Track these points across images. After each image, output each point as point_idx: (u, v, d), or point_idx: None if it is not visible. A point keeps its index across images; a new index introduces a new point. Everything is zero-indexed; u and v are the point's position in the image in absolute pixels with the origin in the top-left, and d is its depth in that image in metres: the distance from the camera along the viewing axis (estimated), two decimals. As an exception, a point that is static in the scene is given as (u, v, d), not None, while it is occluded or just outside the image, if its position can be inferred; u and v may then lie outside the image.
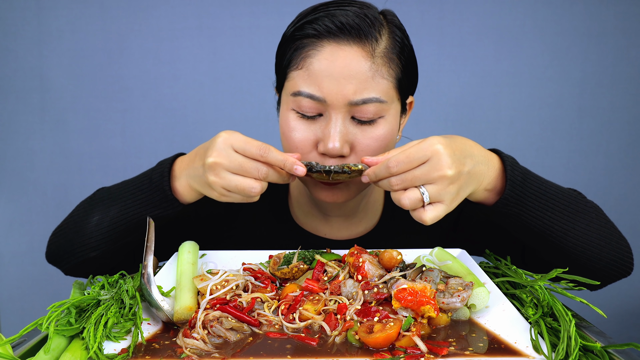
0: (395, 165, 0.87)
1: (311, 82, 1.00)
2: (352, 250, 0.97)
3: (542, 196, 0.96)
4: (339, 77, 0.98)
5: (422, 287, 0.82)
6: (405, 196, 0.87)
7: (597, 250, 1.00)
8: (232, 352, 0.75)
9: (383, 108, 1.02)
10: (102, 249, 1.05)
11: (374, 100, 1.00)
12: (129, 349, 0.75)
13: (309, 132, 1.03)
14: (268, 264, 1.03)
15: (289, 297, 0.89)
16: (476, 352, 0.74)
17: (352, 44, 0.99)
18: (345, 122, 1.01)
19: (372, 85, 0.99)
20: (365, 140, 1.02)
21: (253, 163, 0.91)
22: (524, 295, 0.89)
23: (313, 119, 1.03)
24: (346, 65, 0.98)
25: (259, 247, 1.11)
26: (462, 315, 0.86)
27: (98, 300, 0.87)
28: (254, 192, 0.92)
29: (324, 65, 0.99)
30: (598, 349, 0.72)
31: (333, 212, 1.24)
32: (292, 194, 1.30)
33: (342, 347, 0.76)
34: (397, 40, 1.04)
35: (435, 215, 0.87)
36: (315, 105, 1.01)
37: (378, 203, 1.29)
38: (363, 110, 1.00)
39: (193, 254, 1.03)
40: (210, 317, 0.81)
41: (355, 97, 0.99)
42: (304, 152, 1.05)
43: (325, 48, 0.99)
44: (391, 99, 1.03)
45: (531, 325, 0.79)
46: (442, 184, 0.86)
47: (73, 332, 0.78)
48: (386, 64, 1.01)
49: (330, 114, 1.01)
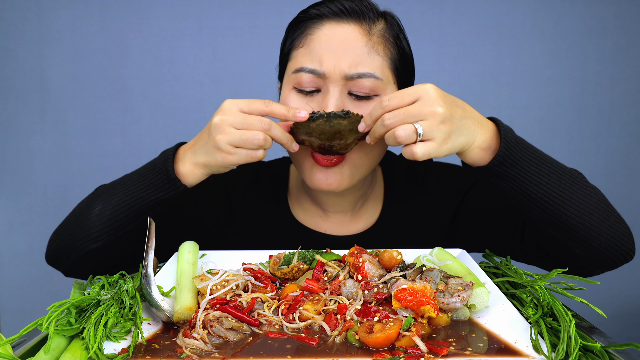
0: (388, 100, 0.92)
1: (312, 57, 1.05)
2: (352, 250, 0.97)
3: (537, 162, 0.98)
4: (336, 51, 1.04)
5: (422, 287, 0.82)
6: (400, 128, 0.90)
7: (597, 224, 1.00)
8: (232, 352, 0.75)
9: (379, 85, 1.06)
10: (104, 239, 1.05)
11: (369, 75, 1.04)
12: (129, 349, 0.75)
13: (307, 108, 1.07)
14: (268, 264, 1.03)
15: (289, 297, 0.89)
16: (476, 352, 0.74)
17: (350, 22, 1.06)
18: (342, 95, 1.05)
19: (367, 61, 1.04)
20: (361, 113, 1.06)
21: (256, 117, 0.97)
22: (524, 295, 0.89)
23: (311, 95, 1.08)
24: (343, 40, 1.04)
25: (259, 246, 1.12)
26: (462, 315, 0.86)
27: (98, 300, 0.87)
28: (257, 141, 0.95)
29: (323, 41, 1.05)
30: (598, 349, 0.72)
31: (332, 208, 1.25)
32: (291, 191, 1.30)
33: (342, 347, 0.76)
34: (394, 27, 1.11)
35: (426, 150, 0.90)
36: (314, 79, 1.06)
37: (377, 200, 1.29)
38: (359, 84, 1.04)
39: (193, 254, 1.03)
40: (210, 317, 0.81)
41: (351, 71, 1.03)
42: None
43: (325, 26, 1.06)
44: (387, 79, 1.07)
45: (531, 325, 0.79)
46: (433, 120, 0.89)
47: (73, 332, 0.78)
48: (382, 43, 1.07)
49: (328, 87, 1.05)
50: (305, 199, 1.27)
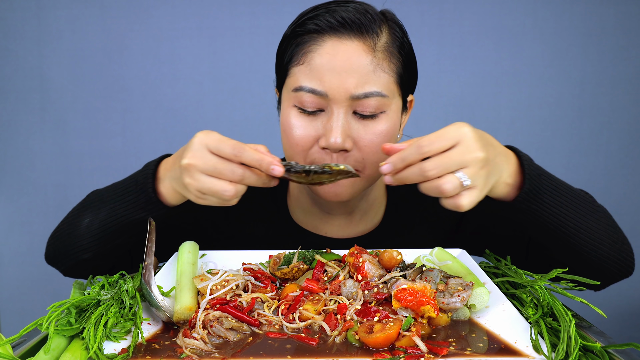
0: (427, 145, 0.82)
1: (313, 76, 1.00)
2: (352, 250, 0.97)
3: (556, 192, 0.95)
4: (340, 70, 0.98)
5: (422, 287, 0.82)
6: (444, 181, 0.81)
7: (606, 249, 0.99)
8: (232, 352, 0.75)
9: (385, 103, 1.01)
10: (94, 251, 1.05)
11: (376, 94, 0.99)
12: (129, 349, 0.75)
13: (310, 129, 1.03)
14: (268, 264, 1.03)
15: (289, 297, 0.89)
16: (476, 352, 0.74)
17: (353, 39, 0.99)
18: (347, 116, 1.01)
19: (373, 79, 0.99)
20: (368, 135, 1.02)
21: (228, 164, 0.87)
22: (524, 295, 0.89)
23: (314, 115, 1.03)
24: (347, 59, 0.98)
25: (260, 248, 1.11)
26: (462, 315, 0.86)
27: (98, 300, 0.87)
28: (227, 195, 0.87)
29: (325, 60, 0.99)
30: (598, 349, 0.72)
31: (334, 211, 1.24)
32: (292, 193, 1.30)
33: (342, 347, 0.76)
34: (397, 36, 1.05)
35: (471, 200, 0.83)
36: (316, 100, 1.01)
37: (378, 202, 1.28)
38: (365, 104, 1.00)
39: (193, 254, 1.03)
40: (210, 317, 0.81)
41: (357, 91, 0.99)
42: (304, 149, 1.04)
43: (327, 42, 1.00)
44: (392, 94, 1.03)
45: (531, 325, 0.79)
46: (475, 166, 0.82)
47: (73, 332, 0.78)
48: (387, 58, 1.01)
49: (332, 108, 1.00)
50: (307, 200, 1.26)
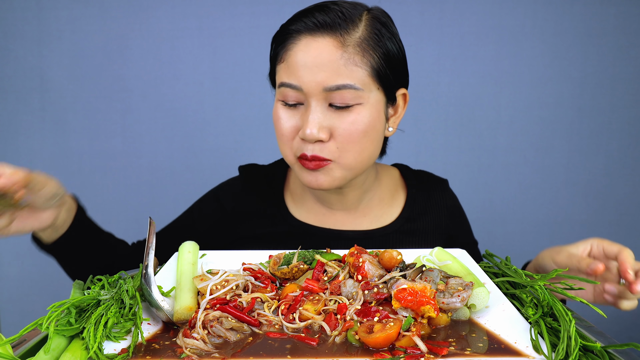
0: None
1: (290, 72, 1.07)
2: (352, 250, 0.97)
3: None
4: (312, 66, 1.04)
5: (422, 287, 0.82)
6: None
7: None
8: (232, 352, 0.75)
9: (359, 95, 1.06)
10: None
11: (348, 86, 1.04)
12: (129, 349, 0.75)
13: (292, 120, 1.09)
14: (268, 264, 1.03)
15: (289, 297, 0.89)
16: (476, 352, 0.74)
17: (325, 36, 1.05)
18: (322, 109, 1.06)
19: (345, 73, 1.04)
20: (343, 124, 1.06)
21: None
22: (524, 295, 0.89)
23: (295, 108, 1.09)
24: (318, 55, 1.04)
25: (263, 248, 1.12)
26: (462, 315, 0.86)
27: (98, 300, 0.87)
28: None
29: (299, 56, 1.05)
30: (598, 349, 0.72)
31: (335, 206, 1.27)
32: (292, 191, 1.31)
33: (342, 347, 0.76)
34: (375, 32, 1.08)
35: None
36: (295, 94, 1.07)
37: (386, 203, 1.30)
38: (338, 96, 1.05)
39: (193, 254, 1.03)
40: (210, 317, 0.81)
41: (329, 84, 1.04)
42: (289, 139, 1.11)
43: (302, 41, 1.06)
44: (368, 87, 1.07)
45: (531, 325, 0.79)
46: None
47: (73, 332, 0.78)
48: (359, 53, 1.05)
49: (309, 101, 1.06)
50: (309, 197, 1.29)
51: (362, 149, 1.09)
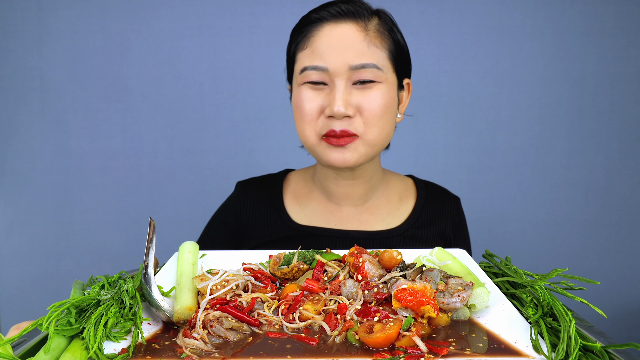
0: None
1: (315, 56, 1.14)
2: (352, 250, 0.97)
3: None
4: (337, 47, 1.12)
5: (422, 287, 0.82)
6: None
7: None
8: (232, 352, 0.75)
9: (380, 75, 1.14)
10: None
11: (371, 65, 1.13)
12: (129, 349, 0.75)
13: (317, 101, 1.16)
14: (268, 264, 1.03)
15: (289, 297, 0.89)
16: (476, 352, 0.74)
17: (348, 22, 1.14)
18: (347, 87, 1.14)
19: (368, 53, 1.13)
20: (367, 100, 1.14)
21: None
22: (524, 295, 0.89)
23: (319, 89, 1.16)
24: (343, 38, 1.13)
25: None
26: (462, 315, 0.86)
27: (98, 300, 0.87)
28: None
29: (324, 41, 1.14)
30: (598, 349, 0.72)
31: (343, 201, 1.30)
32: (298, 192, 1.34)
33: (342, 347, 0.76)
34: (387, 22, 1.19)
35: None
36: (320, 75, 1.14)
37: (393, 205, 1.33)
38: (362, 74, 1.13)
39: (193, 254, 1.03)
40: (210, 317, 0.81)
41: (355, 62, 1.12)
42: (313, 119, 1.16)
43: (325, 27, 1.15)
44: (386, 69, 1.16)
45: (531, 325, 0.79)
46: None
47: (73, 332, 0.78)
48: (378, 37, 1.15)
49: (334, 81, 1.13)
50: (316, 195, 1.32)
51: (383, 125, 1.17)
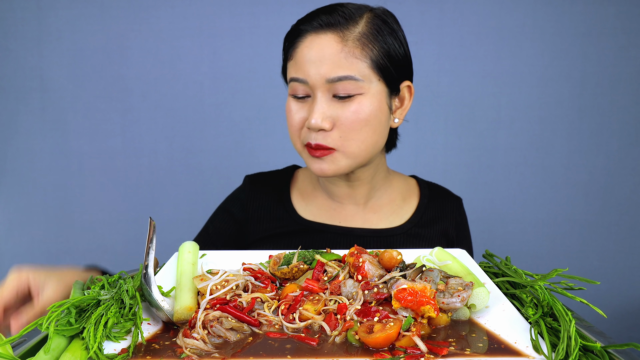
0: None
1: (297, 68, 1.15)
2: (352, 250, 0.97)
3: None
4: (315, 60, 1.12)
5: (422, 287, 0.82)
6: None
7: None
8: (232, 352, 0.75)
9: (360, 85, 1.12)
10: None
11: (349, 78, 1.11)
12: (129, 349, 0.75)
13: (301, 112, 1.18)
14: (268, 264, 1.03)
15: (289, 297, 0.89)
16: (476, 352, 0.74)
17: (328, 33, 1.13)
18: (326, 100, 1.14)
19: (345, 65, 1.11)
20: (345, 113, 1.13)
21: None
22: (524, 295, 0.89)
23: (304, 101, 1.17)
24: (320, 50, 1.12)
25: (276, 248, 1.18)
26: (462, 315, 0.86)
27: (98, 300, 0.87)
28: None
29: (304, 52, 1.14)
30: (598, 349, 0.72)
31: (345, 200, 1.32)
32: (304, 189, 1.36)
33: (342, 347, 0.76)
34: (375, 28, 1.15)
35: None
36: (303, 88, 1.15)
37: (397, 204, 1.34)
38: (340, 87, 1.12)
39: (193, 254, 1.03)
40: (210, 317, 0.81)
41: (331, 75, 1.11)
42: (297, 129, 1.19)
43: (307, 39, 1.15)
44: (368, 78, 1.13)
45: (531, 325, 0.79)
46: None
47: (73, 332, 0.78)
48: (359, 47, 1.12)
49: (315, 93, 1.14)
50: (320, 193, 1.34)
51: (364, 137, 1.15)
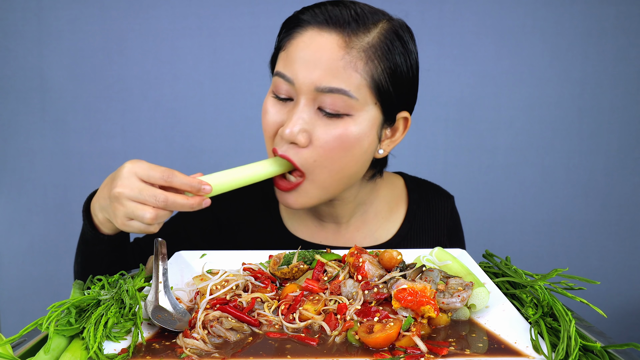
0: None
1: (287, 63, 1.00)
2: (352, 250, 0.97)
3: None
4: (309, 60, 0.96)
5: (422, 287, 0.82)
6: None
7: None
8: (232, 352, 0.75)
9: (352, 105, 0.97)
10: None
11: (342, 91, 0.96)
12: (129, 349, 0.75)
13: (278, 116, 1.02)
14: (268, 264, 1.03)
15: (289, 297, 0.89)
16: (476, 352, 0.74)
17: (332, 32, 0.97)
18: (309, 110, 0.99)
19: (341, 75, 0.96)
20: (325, 135, 0.98)
21: (151, 190, 0.88)
22: (524, 295, 0.89)
23: (284, 103, 1.02)
24: (318, 50, 0.96)
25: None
26: (462, 315, 0.86)
27: (98, 300, 0.87)
28: (146, 219, 0.89)
29: (300, 48, 0.98)
30: (598, 349, 0.72)
31: (326, 219, 1.22)
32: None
33: (342, 347, 0.76)
34: (387, 42, 0.99)
35: None
36: (287, 88, 1.00)
37: (380, 218, 1.23)
38: (329, 100, 0.97)
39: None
40: (210, 317, 0.81)
41: (322, 84, 0.96)
42: (270, 135, 1.05)
43: (307, 32, 0.99)
44: (363, 99, 0.98)
45: (531, 325, 0.79)
46: None
47: (73, 332, 0.78)
48: (363, 59, 0.96)
49: (298, 98, 0.99)
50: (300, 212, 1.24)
51: (341, 167, 1.01)
